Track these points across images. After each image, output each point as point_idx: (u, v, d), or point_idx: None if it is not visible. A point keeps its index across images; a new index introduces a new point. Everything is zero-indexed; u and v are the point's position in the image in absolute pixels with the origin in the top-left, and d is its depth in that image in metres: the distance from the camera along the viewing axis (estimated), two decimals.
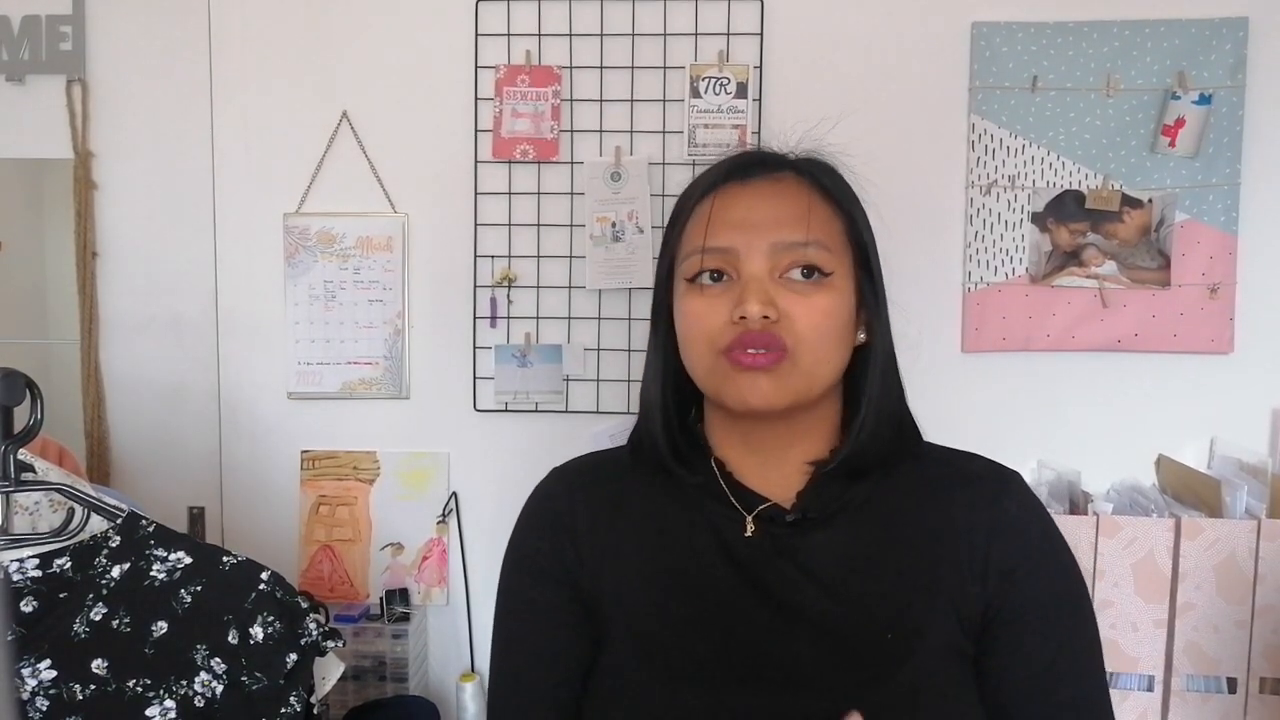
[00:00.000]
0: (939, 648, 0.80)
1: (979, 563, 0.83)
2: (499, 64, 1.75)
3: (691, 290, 0.85)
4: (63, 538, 1.06)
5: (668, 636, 0.82)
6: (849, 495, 0.86)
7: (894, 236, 1.72)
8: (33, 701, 0.98)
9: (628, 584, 0.86)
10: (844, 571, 0.83)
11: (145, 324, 1.81)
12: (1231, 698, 1.48)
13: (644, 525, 0.89)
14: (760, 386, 0.81)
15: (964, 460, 0.91)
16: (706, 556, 0.85)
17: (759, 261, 0.82)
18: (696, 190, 0.89)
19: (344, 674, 1.20)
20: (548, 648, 0.87)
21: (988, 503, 0.85)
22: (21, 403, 1.05)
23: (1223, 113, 1.67)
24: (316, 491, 1.82)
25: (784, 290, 0.82)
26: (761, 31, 1.72)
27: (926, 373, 1.77)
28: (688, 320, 0.85)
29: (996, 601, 0.82)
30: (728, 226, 0.84)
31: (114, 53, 1.79)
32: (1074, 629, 0.83)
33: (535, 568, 0.90)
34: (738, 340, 0.81)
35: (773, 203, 0.85)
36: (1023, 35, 1.70)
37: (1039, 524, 0.86)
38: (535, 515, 0.93)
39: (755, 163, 0.89)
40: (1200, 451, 1.73)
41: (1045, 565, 0.84)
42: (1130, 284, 1.71)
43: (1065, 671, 0.81)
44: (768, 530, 0.85)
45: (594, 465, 0.96)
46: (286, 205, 1.79)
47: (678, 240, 0.88)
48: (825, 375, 0.84)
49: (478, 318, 1.79)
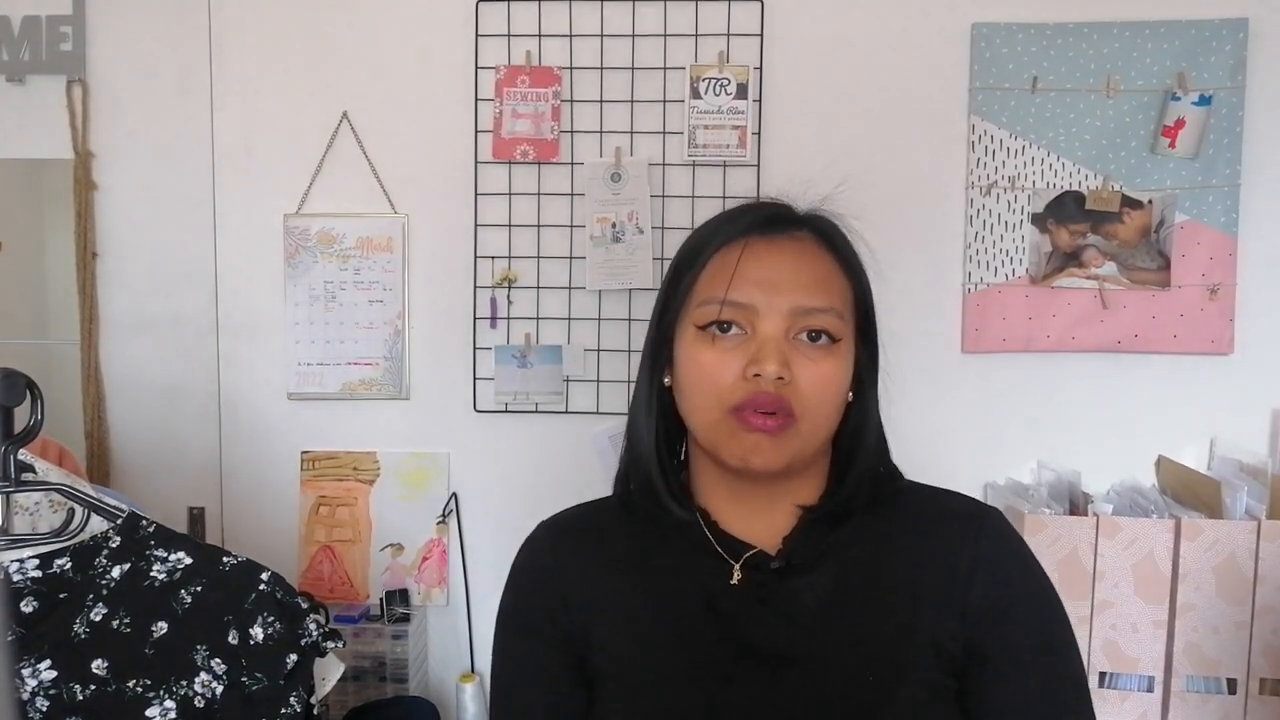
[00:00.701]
0: (921, 686, 0.81)
1: (958, 601, 0.84)
2: (499, 65, 1.75)
3: (702, 339, 0.85)
4: (63, 538, 1.06)
5: (653, 689, 0.83)
6: (832, 540, 0.87)
7: (894, 237, 1.74)
8: (33, 701, 0.98)
9: (614, 637, 0.87)
10: (826, 615, 0.84)
11: (145, 324, 1.81)
12: (1231, 698, 1.48)
13: (631, 577, 0.89)
14: (763, 449, 0.82)
15: (944, 499, 0.92)
16: (690, 607, 0.86)
17: (777, 322, 0.83)
18: (714, 239, 0.88)
19: (344, 674, 1.20)
20: (542, 706, 0.88)
21: (967, 540, 0.86)
22: (21, 403, 1.05)
23: (1223, 113, 1.67)
24: (316, 492, 1.82)
25: (795, 353, 0.83)
26: (761, 32, 1.72)
27: (926, 373, 1.79)
28: (697, 369, 0.85)
29: (977, 639, 0.83)
30: (750, 283, 0.84)
31: (114, 53, 1.79)
32: (1056, 666, 0.84)
33: (525, 626, 0.90)
34: (749, 400, 0.82)
35: (795, 265, 0.86)
36: (1023, 36, 1.70)
37: (1017, 561, 0.87)
38: (524, 573, 0.93)
39: (777, 219, 0.89)
40: (1200, 452, 1.73)
41: (1025, 603, 0.85)
42: (1130, 285, 1.71)
43: (1049, 710, 0.82)
44: (753, 578, 0.86)
45: (580, 518, 0.96)
46: (286, 205, 1.79)
47: (690, 286, 0.88)
48: (821, 438, 0.86)
49: (478, 318, 1.79)
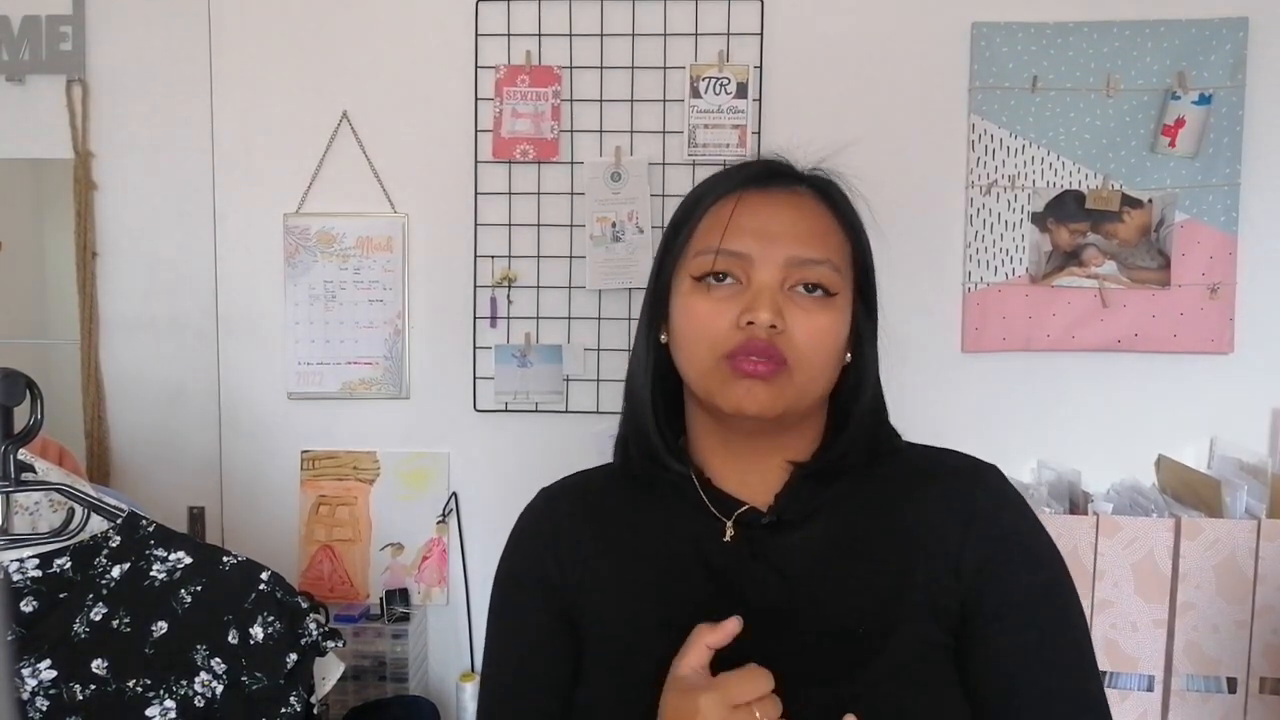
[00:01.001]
0: (914, 642, 0.81)
1: (953, 556, 0.83)
2: (499, 64, 1.75)
3: (698, 289, 0.86)
4: (63, 538, 1.06)
5: (642, 646, 0.83)
6: (825, 495, 0.87)
7: (894, 236, 1.73)
8: (33, 701, 0.98)
9: (606, 596, 0.88)
10: (818, 570, 0.84)
11: (145, 324, 1.81)
12: (1231, 698, 1.48)
13: (625, 538, 0.90)
14: (756, 394, 0.82)
15: (940, 456, 0.92)
16: (683, 565, 0.87)
17: (772, 272, 0.83)
18: (712, 192, 0.88)
19: (344, 674, 1.20)
20: (534, 666, 0.88)
21: (961, 496, 0.86)
22: (21, 403, 1.05)
23: (1223, 113, 1.67)
24: (316, 491, 1.82)
25: (790, 303, 0.83)
26: (761, 32, 1.72)
27: (926, 373, 1.79)
28: (691, 318, 0.86)
29: (972, 595, 0.82)
30: (745, 233, 0.84)
31: (114, 53, 1.79)
32: (1056, 620, 0.83)
33: (520, 587, 0.91)
34: (742, 346, 0.82)
35: (792, 216, 0.86)
36: (1023, 35, 1.70)
37: (1012, 515, 0.86)
38: (521, 536, 0.94)
39: (774, 173, 0.89)
40: (1200, 451, 1.73)
41: (1020, 557, 0.84)
42: (1130, 284, 1.71)
43: (1049, 664, 0.81)
44: (745, 534, 0.87)
45: (579, 483, 0.97)
46: (286, 205, 1.79)
47: (687, 238, 0.88)
48: (817, 391, 0.86)
49: (478, 318, 1.79)
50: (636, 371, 0.93)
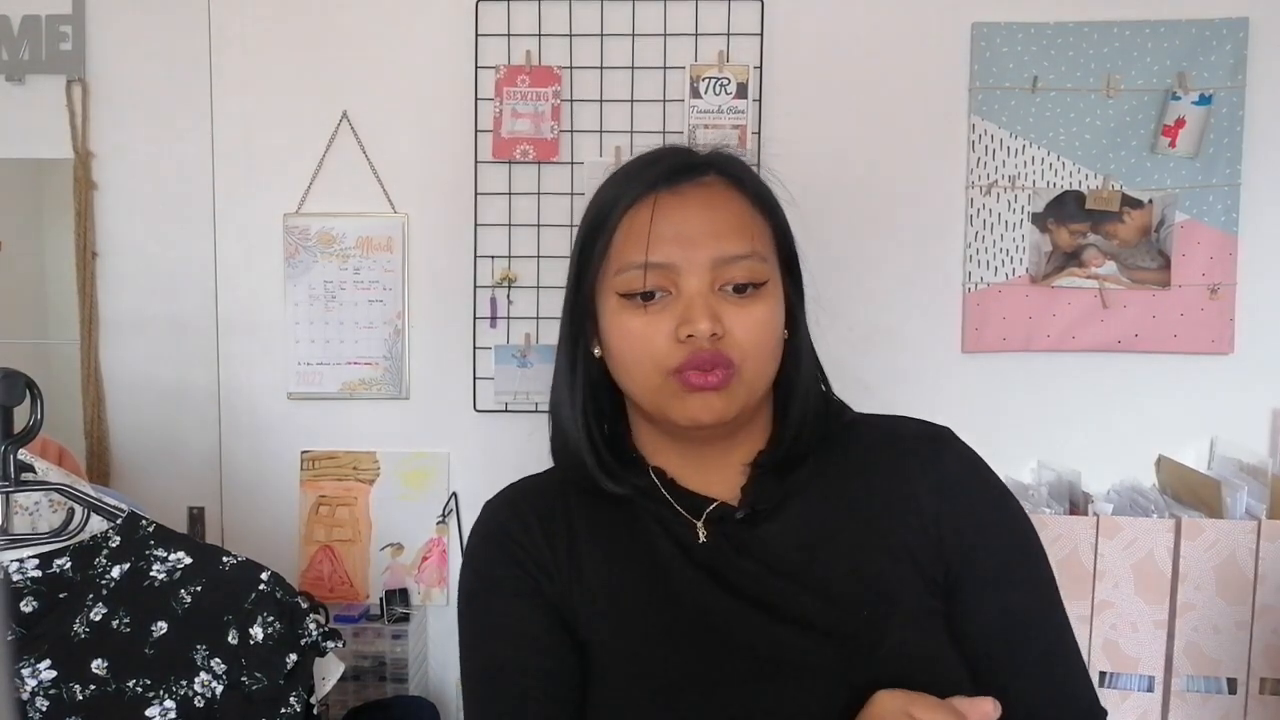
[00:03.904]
0: (913, 613, 0.81)
1: (930, 523, 0.84)
2: (499, 64, 1.75)
3: (628, 306, 0.83)
4: (63, 538, 1.06)
5: (649, 649, 0.82)
6: (791, 482, 0.87)
7: (894, 237, 1.74)
8: (33, 701, 0.98)
9: (601, 602, 0.85)
10: (805, 557, 0.83)
11: (145, 324, 1.81)
12: (1231, 698, 1.48)
13: (599, 545, 0.87)
14: (712, 405, 0.81)
15: (895, 424, 0.92)
16: (670, 569, 0.85)
17: (700, 276, 0.81)
18: (621, 199, 0.85)
19: (344, 674, 1.20)
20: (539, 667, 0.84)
21: (928, 463, 0.87)
22: (21, 403, 1.05)
23: (1223, 113, 1.67)
24: (316, 491, 1.82)
25: (724, 304, 0.82)
26: (761, 32, 1.72)
27: (926, 373, 1.79)
28: (628, 340, 0.83)
29: (953, 559, 0.84)
30: (666, 241, 0.81)
31: (114, 53, 1.79)
32: (1031, 576, 0.85)
33: (508, 590, 0.87)
34: (688, 361, 0.80)
35: (708, 215, 0.83)
36: (1023, 36, 1.70)
37: (978, 477, 0.88)
38: (493, 540, 0.90)
39: (682, 167, 0.86)
40: (1200, 452, 1.73)
41: (992, 517, 0.86)
42: (1130, 284, 1.71)
43: (1032, 619, 0.84)
44: (719, 530, 0.85)
45: (536, 489, 0.93)
46: (286, 205, 1.79)
47: (604, 250, 0.85)
48: (765, 383, 0.86)
49: (478, 318, 1.79)
50: (560, 393, 0.90)
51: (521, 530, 0.89)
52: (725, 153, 0.89)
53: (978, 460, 0.89)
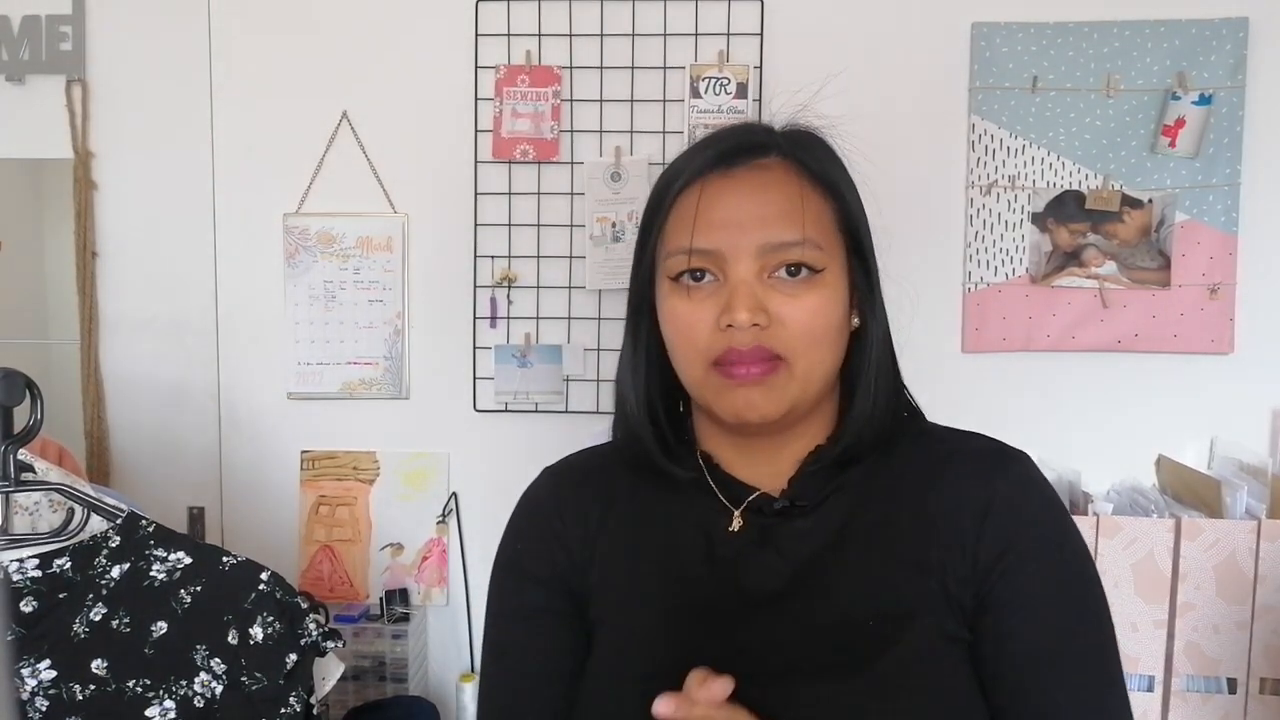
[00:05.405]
0: (926, 632, 0.77)
1: (969, 546, 0.78)
2: (499, 64, 1.75)
3: (676, 290, 0.81)
4: (63, 538, 1.06)
5: (647, 635, 0.81)
6: (841, 480, 0.83)
7: (894, 236, 1.73)
8: (32, 701, 0.98)
9: (613, 583, 0.85)
10: (825, 557, 0.81)
11: (145, 324, 1.81)
12: (1231, 698, 1.48)
13: (631, 524, 0.87)
14: (755, 401, 0.78)
15: (965, 439, 0.87)
16: (688, 553, 0.84)
17: (746, 264, 0.78)
18: (677, 179, 0.83)
19: (344, 674, 1.20)
20: (539, 651, 0.85)
21: (981, 481, 0.81)
22: (21, 403, 1.05)
23: (1223, 113, 1.67)
24: (316, 491, 1.82)
25: (773, 292, 0.78)
26: (761, 31, 1.72)
27: (926, 372, 1.78)
28: (674, 324, 0.82)
29: (988, 586, 0.77)
30: (713, 226, 0.79)
31: (114, 53, 1.79)
32: (1074, 620, 0.78)
33: (524, 571, 0.88)
34: (726, 355, 0.78)
35: (760, 199, 0.79)
36: (1023, 35, 1.70)
37: (1035, 504, 0.81)
38: (524, 518, 0.91)
39: (740, 148, 0.82)
40: (1200, 452, 1.73)
41: (1041, 549, 0.79)
42: (1130, 284, 1.71)
43: (1068, 664, 0.77)
44: (754, 521, 0.83)
45: (584, 463, 0.93)
46: (286, 205, 1.79)
47: (659, 233, 0.83)
48: (821, 376, 0.81)
49: (478, 318, 1.79)
50: (624, 373, 0.89)
51: (554, 508, 0.89)
52: (795, 130, 0.85)
53: (1039, 487, 0.82)
